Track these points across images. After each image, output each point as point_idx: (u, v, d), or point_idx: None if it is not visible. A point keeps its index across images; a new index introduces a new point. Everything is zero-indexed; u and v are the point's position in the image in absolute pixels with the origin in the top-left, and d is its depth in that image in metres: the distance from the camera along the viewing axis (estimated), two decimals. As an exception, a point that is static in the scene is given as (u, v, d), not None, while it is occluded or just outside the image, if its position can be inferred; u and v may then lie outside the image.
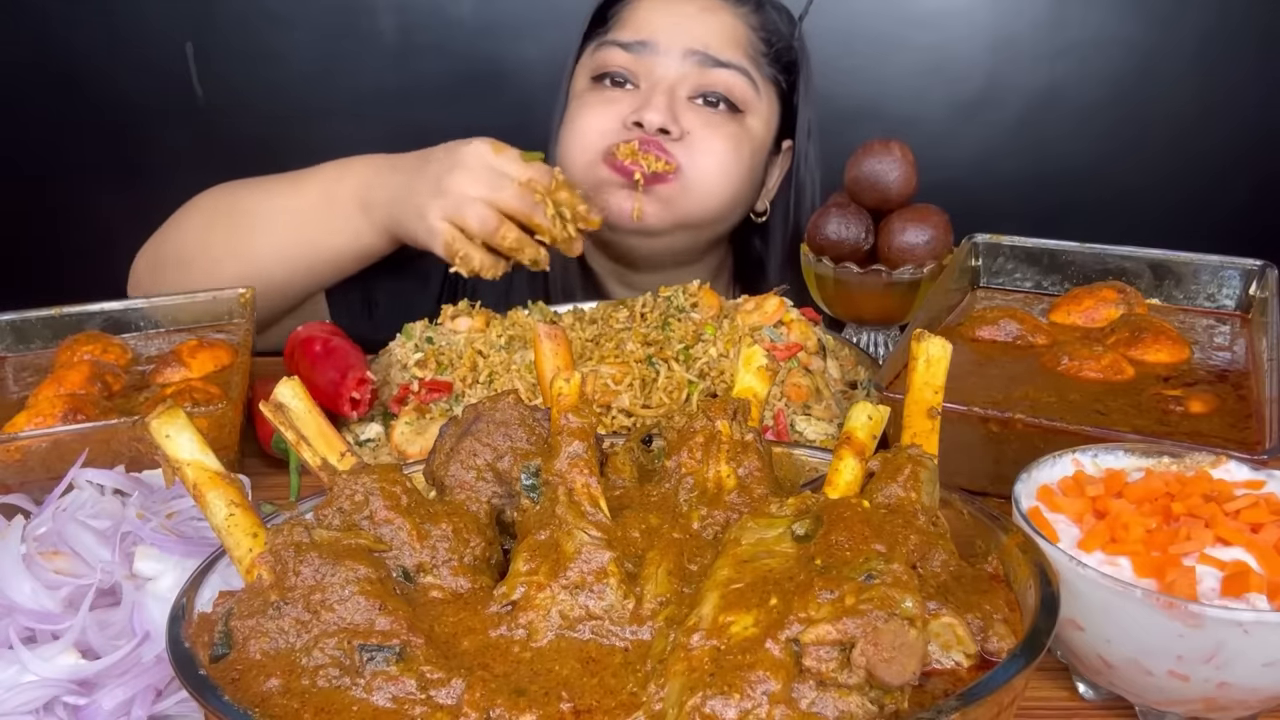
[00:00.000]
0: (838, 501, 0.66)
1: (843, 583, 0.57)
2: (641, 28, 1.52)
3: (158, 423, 0.67)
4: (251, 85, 2.55)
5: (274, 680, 0.60)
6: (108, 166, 2.60)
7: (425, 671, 0.60)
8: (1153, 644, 0.69)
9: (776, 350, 1.17)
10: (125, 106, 2.56)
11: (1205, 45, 2.48)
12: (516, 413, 0.77)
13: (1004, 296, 1.30)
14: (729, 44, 1.52)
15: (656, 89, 1.48)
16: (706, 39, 1.50)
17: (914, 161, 1.32)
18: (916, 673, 0.55)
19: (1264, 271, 1.21)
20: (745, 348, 0.83)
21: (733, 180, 1.52)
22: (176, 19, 2.51)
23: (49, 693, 0.74)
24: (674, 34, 1.50)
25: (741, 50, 1.53)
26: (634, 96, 1.50)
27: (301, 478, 1.08)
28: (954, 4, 2.50)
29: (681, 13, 1.53)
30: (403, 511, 0.70)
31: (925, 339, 0.74)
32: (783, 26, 1.60)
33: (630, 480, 0.78)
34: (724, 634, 0.58)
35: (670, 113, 1.46)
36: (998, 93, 2.54)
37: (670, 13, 1.53)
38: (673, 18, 1.52)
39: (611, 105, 1.50)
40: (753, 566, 0.62)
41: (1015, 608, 0.65)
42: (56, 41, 2.51)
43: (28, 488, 1.02)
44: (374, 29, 2.53)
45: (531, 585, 0.66)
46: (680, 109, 1.48)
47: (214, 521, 0.67)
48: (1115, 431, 0.92)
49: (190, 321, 1.34)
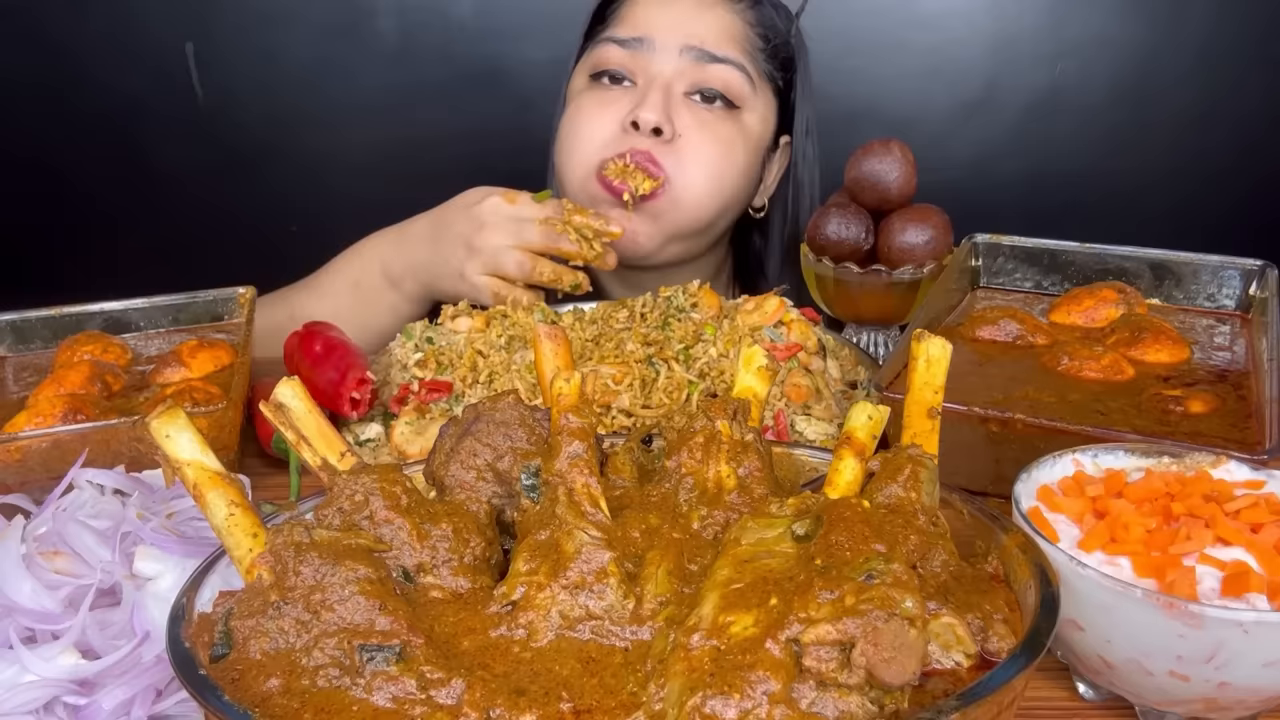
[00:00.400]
0: (838, 501, 0.66)
1: (843, 583, 0.57)
2: (638, 24, 1.52)
3: (158, 423, 0.67)
4: (252, 85, 2.55)
5: (274, 680, 0.60)
6: (108, 166, 2.60)
7: (425, 671, 0.60)
8: (1153, 644, 0.69)
9: (776, 350, 1.17)
10: (125, 106, 2.56)
11: (1205, 46, 2.48)
12: (516, 413, 0.77)
13: (1004, 296, 1.30)
14: (725, 39, 1.52)
15: (653, 85, 1.48)
16: (703, 34, 1.50)
17: (914, 162, 1.32)
18: (917, 673, 0.55)
19: (1264, 271, 1.21)
20: (745, 348, 0.83)
21: (724, 185, 1.52)
22: (177, 20, 2.51)
23: (49, 693, 0.74)
24: (670, 30, 1.50)
25: (738, 45, 1.53)
26: (631, 94, 1.50)
27: (301, 478, 1.08)
28: (954, 5, 2.50)
29: (678, 9, 1.53)
30: (403, 511, 0.70)
31: (925, 339, 0.74)
32: (779, 23, 1.60)
33: (630, 480, 0.78)
34: (724, 634, 0.58)
35: (665, 111, 1.46)
36: (998, 93, 2.54)
37: (667, 9, 1.53)
38: (669, 14, 1.53)
39: (608, 106, 1.50)
40: (753, 566, 0.62)
41: (1015, 608, 0.65)
42: (57, 42, 2.51)
43: (28, 488, 1.02)
44: (374, 29, 2.52)
45: (531, 585, 0.66)
46: (675, 107, 1.48)
47: (214, 521, 0.67)
48: (1115, 431, 0.92)
49: (190, 321, 1.35)
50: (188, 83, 2.54)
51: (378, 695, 0.60)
